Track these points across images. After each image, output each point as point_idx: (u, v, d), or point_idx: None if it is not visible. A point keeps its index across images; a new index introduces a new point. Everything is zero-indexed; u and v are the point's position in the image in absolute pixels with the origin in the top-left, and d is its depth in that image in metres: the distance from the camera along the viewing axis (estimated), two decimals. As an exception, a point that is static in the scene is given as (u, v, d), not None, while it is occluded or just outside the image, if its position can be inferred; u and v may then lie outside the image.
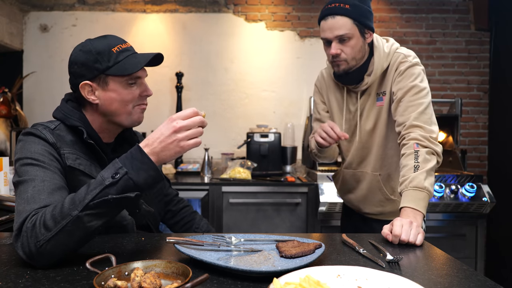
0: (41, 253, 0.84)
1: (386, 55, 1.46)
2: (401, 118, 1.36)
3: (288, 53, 3.46)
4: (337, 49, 1.40)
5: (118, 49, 1.08)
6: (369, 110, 1.52)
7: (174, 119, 0.91)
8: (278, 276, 0.74)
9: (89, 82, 1.08)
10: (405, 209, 1.19)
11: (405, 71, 1.41)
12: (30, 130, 1.04)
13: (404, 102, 1.37)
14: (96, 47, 1.07)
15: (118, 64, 1.07)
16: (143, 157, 0.89)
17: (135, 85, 1.11)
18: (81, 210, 0.84)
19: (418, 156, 1.25)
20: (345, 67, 1.44)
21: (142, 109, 1.15)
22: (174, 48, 3.45)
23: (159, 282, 0.72)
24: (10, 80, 3.23)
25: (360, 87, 1.50)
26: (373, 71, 1.46)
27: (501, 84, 3.35)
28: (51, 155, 1.01)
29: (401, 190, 1.24)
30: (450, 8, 3.46)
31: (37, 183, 0.94)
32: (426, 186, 1.20)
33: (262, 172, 2.98)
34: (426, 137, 1.28)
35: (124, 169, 0.87)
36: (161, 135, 0.90)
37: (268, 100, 3.48)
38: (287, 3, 3.46)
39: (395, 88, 1.42)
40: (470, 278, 0.84)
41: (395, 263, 0.92)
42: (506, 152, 3.25)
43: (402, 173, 1.27)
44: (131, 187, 0.87)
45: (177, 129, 0.90)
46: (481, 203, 2.59)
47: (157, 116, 3.44)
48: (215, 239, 0.98)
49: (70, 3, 3.42)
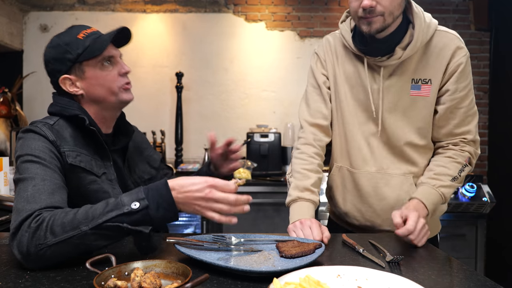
0: (39, 256, 0.83)
1: (427, 26, 1.16)
2: (458, 130, 1.21)
3: (288, 53, 3.46)
4: (372, 0, 1.08)
5: (84, 35, 1.08)
6: (397, 96, 1.21)
7: (213, 185, 0.87)
8: (278, 276, 0.74)
9: (67, 75, 1.08)
10: (419, 203, 1.13)
11: (466, 66, 1.19)
12: (30, 127, 1.04)
13: (463, 111, 1.19)
14: (63, 39, 1.08)
15: (87, 49, 1.07)
16: (169, 197, 0.87)
17: (111, 65, 1.11)
18: (92, 228, 0.83)
19: (463, 170, 1.19)
20: (380, 26, 1.11)
21: (127, 89, 1.14)
22: (174, 48, 3.45)
23: (159, 282, 0.72)
24: (10, 80, 3.23)
25: (388, 61, 1.17)
26: (411, 44, 1.14)
27: (501, 84, 3.35)
28: (51, 152, 1.00)
29: (426, 182, 1.18)
30: (450, 8, 3.46)
31: (38, 182, 0.93)
32: (447, 199, 1.18)
33: (262, 172, 2.98)
34: (475, 157, 1.23)
35: (146, 202, 0.85)
36: (189, 191, 0.87)
37: (268, 100, 3.48)
38: (287, 3, 3.46)
39: (453, 86, 1.17)
40: (470, 278, 0.84)
41: (395, 263, 0.92)
42: (506, 152, 3.24)
43: (437, 170, 1.19)
44: (147, 222, 0.86)
45: (207, 198, 0.87)
46: (481, 203, 2.59)
47: (157, 116, 3.44)
48: (215, 239, 0.98)
49: (70, 3, 3.42)
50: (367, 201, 1.27)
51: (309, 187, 1.22)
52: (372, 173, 1.26)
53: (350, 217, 1.32)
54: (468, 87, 1.19)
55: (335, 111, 1.31)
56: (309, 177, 1.24)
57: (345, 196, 1.32)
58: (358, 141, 1.27)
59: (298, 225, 1.11)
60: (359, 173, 1.27)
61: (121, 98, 1.12)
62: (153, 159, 1.33)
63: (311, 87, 1.34)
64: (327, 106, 1.30)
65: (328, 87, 1.31)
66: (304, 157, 1.27)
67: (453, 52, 1.16)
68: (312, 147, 1.28)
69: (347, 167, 1.30)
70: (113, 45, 1.13)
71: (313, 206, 1.21)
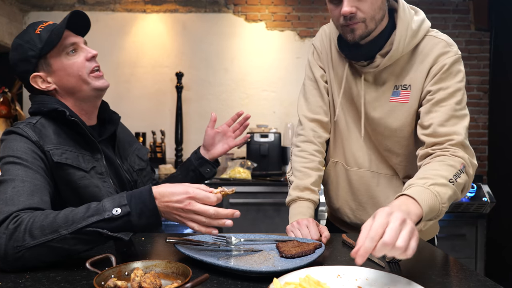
0: (17, 258, 0.82)
1: (413, 33, 1.09)
2: (442, 129, 1.04)
3: (288, 53, 3.46)
4: (352, 6, 1.03)
5: (41, 29, 1.08)
6: (377, 102, 1.17)
7: (192, 196, 0.86)
8: (278, 276, 0.74)
9: (35, 73, 1.08)
10: (408, 199, 0.85)
11: (452, 67, 1.07)
12: (11, 129, 1.03)
13: (447, 108, 1.05)
14: (23, 38, 1.08)
15: (46, 41, 1.06)
16: (151, 204, 0.86)
17: (76, 53, 1.10)
18: (71, 232, 0.83)
19: (459, 176, 0.96)
20: (363, 32, 1.07)
21: (98, 76, 1.11)
22: (174, 48, 3.45)
23: (159, 282, 0.72)
24: (10, 80, 3.22)
25: (367, 68, 1.14)
26: (390, 53, 1.09)
27: (501, 84, 3.35)
28: (34, 153, 0.99)
29: (414, 183, 0.91)
30: (450, 8, 3.46)
31: (17, 184, 0.92)
32: (445, 201, 0.90)
33: (262, 172, 2.98)
34: (471, 166, 1.02)
35: (128, 209, 0.84)
36: (169, 201, 0.86)
37: (268, 100, 3.48)
38: (287, 3, 3.46)
39: (434, 87, 1.07)
40: (470, 278, 0.84)
41: (395, 263, 0.91)
42: (506, 152, 3.24)
43: (427, 173, 0.95)
44: (128, 229, 0.85)
45: (186, 208, 0.85)
46: (481, 203, 2.59)
47: (158, 116, 3.44)
48: (215, 239, 0.98)
49: (70, 3, 3.42)
50: (358, 199, 1.26)
51: (309, 186, 1.21)
52: (364, 171, 1.24)
53: (342, 214, 1.31)
54: (454, 87, 1.06)
55: (332, 106, 1.28)
56: (309, 175, 1.23)
57: (338, 192, 1.30)
58: (349, 139, 1.25)
59: (296, 225, 1.11)
60: (353, 171, 1.26)
61: (93, 85, 1.10)
62: (142, 152, 1.32)
63: (308, 80, 1.31)
64: (324, 100, 1.28)
65: (325, 80, 1.27)
66: (305, 155, 1.26)
67: (437, 57, 1.08)
68: (313, 144, 1.27)
69: (342, 163, 1.28)
70: (74, 34, 1.11)
71: (313, 206, 1.21)
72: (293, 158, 1.29)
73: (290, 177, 1.28)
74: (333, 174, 1.32)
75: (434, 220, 0.93)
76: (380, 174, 1.23)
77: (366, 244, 0.69)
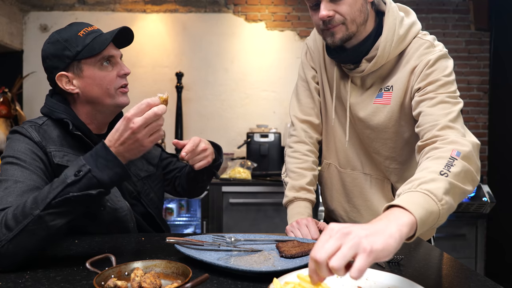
0: (3, 254, 0.82)
1: (400, 38, 1.07)
2: (429, 117, 0.98)
3: (288, 53, 3.46)
4: (329, 10, 1.02)
5: (85, 32, 1.07)
6: (362, 104, 1.16)
7: (130, 118, 0.85)
8: (278, 276, 0.74)
9: (64, 72, 1.07)
10: (394, 210, 0.70)
11: (437, 62, 1.03)
12: (16, 128, 1.04)
13: (437, 100, 0.99)
14: (62, 35, 1.07)
15: (87, 47, 1.06)
16: (107, 154, 0.85)
17: (110, 65, 1.09)
18: (43, 209, 0.82)
19: (452, 165, 0.82)
20: (343, 35, 1.06)
21: (124, 92, 1.12)
22: (174, 48, 3.45)
23: (159, 282, 0.72)
24: (10, 80, 3.22)
25: (353, 72, 1.13)
26: (375, 58, 1.08)
27: (501, 84, 3.35)
28: (34, 154, 1.00)
29: (401, 192, 0.78)
30: (450, 8, 3.46)
31: (10, 184, 0.93)
32: (439, 198, 0.75)
33: (262, 172, 2.99)
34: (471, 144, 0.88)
35: (87, 167, 0.84)
36: (121, 136, 0.86)
37: (268, 100, 3.48)
38: (287, 3, 3.46)
39: (422, 83, 1.03)
40: (470, 278, 0.84)
41: (395, 263, 0.92)
42: (506, 152, 3.24)
43: (412, 178, 0.82)
44: (95, 185, 0.84)
45: (135, 129, 0.85)
46: (481, 203, 2.59)
47: (157, 116, 3.43)
48: (215, 239, 0.98)
49: (70, 3, 3.42)
50: (352, 201, 1.25)
51: (304, 186, 1.22)
52: (358, 174, 1.23)
53: (336, 215, 1.31)
54: (443, 80, 1.01)
55: (323, 107, 1.28)
56: (304, 175, 1.23)
57: (332, 193, 1.30)
58: (342, 141, 1.24)
59: (295, 225, 1.11)
60: (346, 173, 1.25)
61: (117, 101, 1.11)
62: (152, 155, 1.30)
63: (300, 80, 1.31)
64: (315, 102, 1.28)
65: (316, 82, 1.27)
66: (298, 156, 1.27)
67: (420, 55, 1.06)
68: (305, 144, 1.28)
69: (335, 165, 1.28)
70: (114, 45, 1.11)
71: (310, 205, 1.21)
72: (286, 159, 1.30)
73: (285, 178, 1.28)
74: (326, 175, 1.32)
75: (441, 221, 0.81)
76: (372, 177, 1.22)
77: (310, 266, 0.63)
